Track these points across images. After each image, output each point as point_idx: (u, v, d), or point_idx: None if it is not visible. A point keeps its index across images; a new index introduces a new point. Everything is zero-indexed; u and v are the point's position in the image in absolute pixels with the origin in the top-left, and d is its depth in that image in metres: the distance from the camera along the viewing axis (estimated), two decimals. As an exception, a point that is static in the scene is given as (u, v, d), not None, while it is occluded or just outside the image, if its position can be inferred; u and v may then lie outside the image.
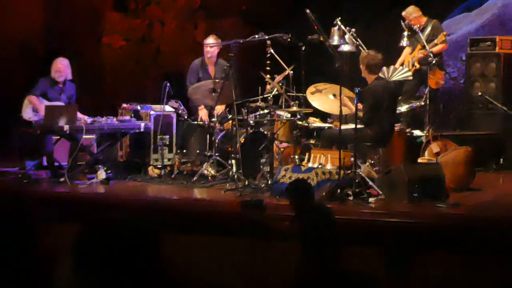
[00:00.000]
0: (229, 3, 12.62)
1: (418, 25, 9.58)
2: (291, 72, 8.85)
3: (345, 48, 9.06)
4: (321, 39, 8.19)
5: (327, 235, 5.71)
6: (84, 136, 8.71)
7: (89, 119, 8.92)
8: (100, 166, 8.75)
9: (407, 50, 9.86)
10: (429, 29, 9.68)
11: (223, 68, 8.91)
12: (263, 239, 6.29)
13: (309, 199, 5.95)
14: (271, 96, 8.69)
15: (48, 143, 8.90)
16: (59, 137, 8.97)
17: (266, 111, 8.73)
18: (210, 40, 9.57)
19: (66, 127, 8.53)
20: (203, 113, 9.37)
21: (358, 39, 9.13)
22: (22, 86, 9.45)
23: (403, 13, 9.74)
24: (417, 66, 9.59)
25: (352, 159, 7.46)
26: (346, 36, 9.06)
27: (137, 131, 9.19)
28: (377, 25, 10.79)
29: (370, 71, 7.92)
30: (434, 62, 9.19)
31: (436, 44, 9.47)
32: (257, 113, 8.87)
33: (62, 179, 8.45)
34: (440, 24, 10.02)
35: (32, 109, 8.98)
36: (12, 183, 8.47)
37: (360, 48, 9.04)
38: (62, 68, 9.11)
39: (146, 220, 2.75)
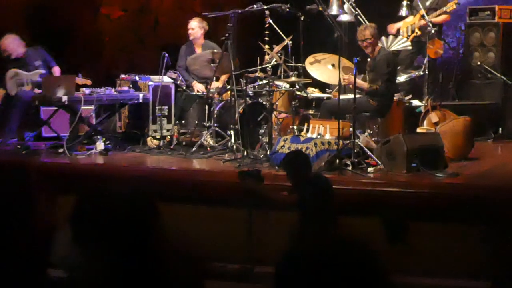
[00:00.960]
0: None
1: None
2: (290, 42, 8.81)
3: (344, 18, 9.00)
4: (320, 9, 8.16)
5: (325, 205, 5.71)
6: (82, 107, 8.69)
7: (87, 90, 8.89)
8: (99, 137, 8.72)
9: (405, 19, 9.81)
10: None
11: (222, 38, 8.85)
12: (261, 209, 6.30)
13: (306, 170, 5.93)
14: (270, 66, 8.66)
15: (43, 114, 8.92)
16: (56, 108, 8.95)
17: (264, 81, 8.71)
18: (194, 23, 9.52)
19: (65, 98, 8.51)
20: (198, 86, 9.36)
21: (357, 9, 9.08)
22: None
23: None
24: (418, 32, 9.52)
25: (351, 129, 7.44)
26: (345, 6, 9.01)
27: (136, 102, 9.18)
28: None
29: (376, 42, 7.92)
30: (433, 31, 9.14)
31: (446, 12, 9.40)
32: (256, 83, 8.84)
33: (61, 150, 8.44)
34: None
35: (13, 82, 8.94)
36: (11, 154, 8.46)
37: (359, 18, 8.98)
38: (8, 48, 9.00)
39: (145, 191, 2.74)
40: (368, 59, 8.04)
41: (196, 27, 9.49)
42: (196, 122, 9.08)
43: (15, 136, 8.76)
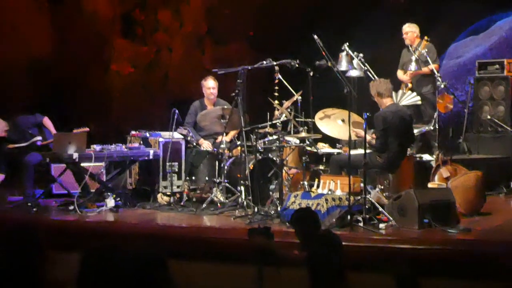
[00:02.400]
0: (236, 29, 12.69)
1: (408, 42, 9.78)
2: (300, 97, 8.89)
3: (353, 73, 9.10)
4: (329, 64, 8.23)
5: (335, 262, 5.70)
6: (93, 164, 8.75)
7: (98, 147, 8.96)
8: (109, 194, 8.78)
9: (399, 73, 9.96)
10: (421, 49, 9.75)
11: (232, 94, 8.94)
12: (271, 266, 6.29)
13: (315, 227, 5.93)
14: (280, 122, 8.71)
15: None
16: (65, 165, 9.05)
17: (275, 137, 8.76)
18: (211, 82, 9.65)
19: (75, 155, 8.58)
20: (205, 143, 9.44)
21: (366, 64, 9.18)
22: (30, 111, 9.51)
23: (404, 26, 9.88)
24: (409, 85, 9.71)
25: (362, 184, 7.47)
26: (354, 61, 9.11)
27: (146, 158, 9.24)
28: (385, 50, 10.82)
29: (381, 97, 7.96)
30: (442, 86, 9.23)
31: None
32: (266, 139, 8.89)
33: (71, 207, 8.49)
34: (433, 46, 10.03)
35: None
36: (21, 212, 8.50)
37: (368, 73, 9.08)
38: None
39: (155, 249, 2.77)
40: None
41: (216, 86, 9.62)
42: (206, 178, 9.12)
43: (28, 194, 8.78)
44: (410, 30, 9.90)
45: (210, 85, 9.63)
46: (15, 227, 3.39)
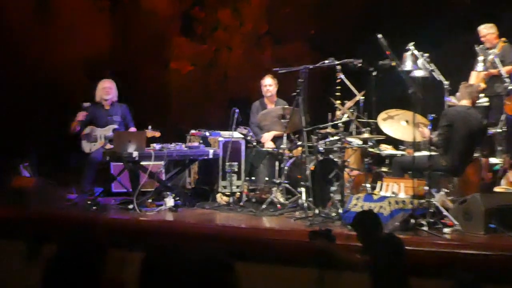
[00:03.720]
0: (296, 28, 12.65)
1: (489, 44, 9.55)
2: (362, 97, 8.81)
3: (418, 73, 8.95)
4: (393, 64, 8.13)
5: (397, 267, 5.62)
6: (152, 163, 8.82)
7: (157, 146, 9.03)
8: (168, 193, 8.83)
9: (473, 74, 9.76)
10: (497, 50, 9.55)
11: (292, 94, 8.90)
12: (332, 270, 6.23)
13: (377, 230, 5.85)
14: (342, 122, 8.65)
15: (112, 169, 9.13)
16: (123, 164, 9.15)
17: (336, 138, 8.71)
18: (268, 80, 9.69)
19: (135, 154, 8.65)
20: (270, 143, 9.44)
21: (432, 64, 9.04)
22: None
23: (480, 28, 9.67)
24: (482, 85, 9.49)
25: (426, 187, 7.37)
26: (419, 61, 8.96)
27: (206, 157, 9.28)
28: (451, 49, 10.66)
29: (458, 99, 7.93)
30: (510, 87, 9.04)
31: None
32: (327, 139, 8.84)
33: (130, 206, 8.58)
34: (510, 46, 9.84)
35: (86, 139, 9.17)
36: (81, 210, 8.62)
37: (433, 73, 8.95)
38: (107, 89, 9.31)
39: (219, 249, 2.75)
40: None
41: (273, 84, 9.64)
42: (266, 178, 9.11)
43: (85, 191, 8.94)
44: (488, 32, 9.69)
45: (266, 82, 9.66)
46: (75, 225, 3.42)
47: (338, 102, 8.73)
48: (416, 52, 8.90)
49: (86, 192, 8.90)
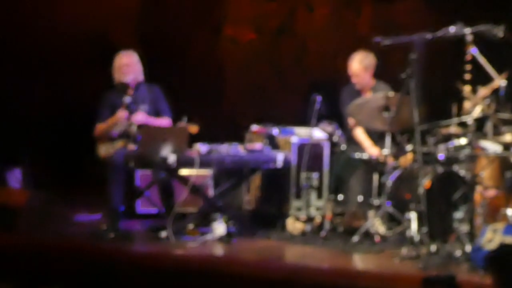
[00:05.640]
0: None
1: None
2: (504, 82, 8.69)
3: None
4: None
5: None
6: (196, 172, 8.85)
7: (204, 147, 9.05)
8: (218, 215, 8.85)
9: None
10: None
11: (400, 76, 8.84)
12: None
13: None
14: (473, 119, 8.55)
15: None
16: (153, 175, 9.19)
17: (464, 141, 8.62)
18: (354, 59, 9.59)
19: (172, 158, 8.68)
20: (373, 149, 9.38)
21: None
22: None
23: None
24: None
25: None
26: None
27: (273, 166, 9.28)
28: None
29: None
30: None
31: None
32: (451, 143, 8.75)
33: (164, 234, 8.62)
34: None
35: (102, 138, 9.24)
36: (92, 241, 8.68)
37: None
38: (126, 66, 9.37)
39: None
40: None
41: (359, 70, 9.54)
42: (360, 198, 9.08)
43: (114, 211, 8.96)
44: None
45: (352, 63, 9.55)
46: (84, 262, 3.45)
47: (469, 89, 8.63)
48: None
49: (118, 213, 8.93)
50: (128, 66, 9.40)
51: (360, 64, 9.60)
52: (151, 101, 9.43)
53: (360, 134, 9.54)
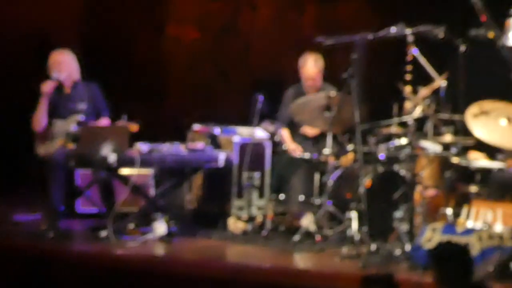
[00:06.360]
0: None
1: None
2: (444, 83, 8.78)
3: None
4: (491, 35, 8.11)
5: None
6: (137, 172, 8.84)
7: (145, 146, 9.04)
8: (159, 215, 8.85)
9: None
10: None
11: (342, 76, 8.89)
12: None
13: (466, 275, 5.85)
14: (413, 119, 8.62)
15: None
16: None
17: (404, 141, 8.69)
18: (310, 62, 9.61)
19: (112, 158, 8.67)
20: (293, 145, 9.45)
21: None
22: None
23: None
24: None
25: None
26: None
27: (215, 165, 9.29)
28: None
29: None
30: None
31: None
32: (391, 143, 8.82)
33: (104, 234, 8.61)
34: None
35: (40, 137, 9.22)
36: (31, 240, 8.64)
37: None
38: (59, 63, 9.36)
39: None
40: None
41: (319, 67, 9.56)
42: (301, 197, 9.11)
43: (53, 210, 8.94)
44: None
45: (309, 66, 9.58)
46: (23, 261, 3.46)
47: (409, 89, 8.71)
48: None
49: (57, 212, 8.90)
50: (61, 64, 9.37)
51: (316, 67, 9.60)
52: (90, 99, 9.41)
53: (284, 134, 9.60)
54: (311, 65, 9.59)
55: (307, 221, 8.68)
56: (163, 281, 7.73)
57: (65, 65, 9.38)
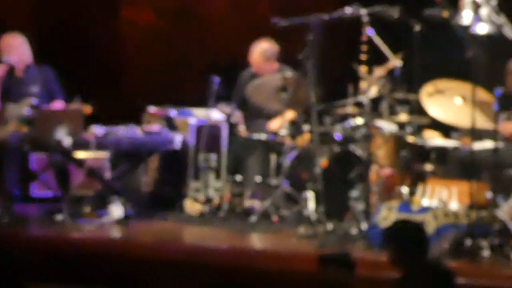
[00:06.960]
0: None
1: None
2: (399, 63, 8.83)
3: (481, 29, 8.98)
4: (445, 15, 8.16)
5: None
6: (93, 155, 8.83)
7: (100, 129, 9.04)
8: (115, 198, 8.86)
9: None
10: None
11: (298, 57, 8.92)
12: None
13: (421, 252, 5.92)
14: (368, 99, 8.67)
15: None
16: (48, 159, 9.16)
17: (360, 121, 8.75)
18: (256, 55, 9.63)
19: (67, 141, 8.66)
20: (242, 127, 9.49)
21: (502, 16, 9.06)
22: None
23: None
24: None
25: (489, 194, 7.41)
26: (483, 11, 8.99)
27: (170, 147, 9.30)
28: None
29: None
30: None
31: None
32: (347, 123, 8.88)
33: (59, 217, 8.60)
34: None
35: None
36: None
37: (504, 29, 8.96)
38: (9, 47, 9.37)
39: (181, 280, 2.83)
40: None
41: (258, 61, 9.58)
42: (258, 178, 9.16)
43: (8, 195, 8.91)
44: None
45: (253, 54, 9.59)
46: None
47: (365, 69, 8.75)
48: (478, -3, 8.93)
49: (12, 196, 8.89)
50: (11, 47, 9.37)
51: (261, 56, 9.61)
52: (42, 83, 9.40)
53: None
54: (255, 53, 9.63)
55: (270, 201, 8.71)
56: (120, 264, 7.71)
57: (16, 49, 9.37)
